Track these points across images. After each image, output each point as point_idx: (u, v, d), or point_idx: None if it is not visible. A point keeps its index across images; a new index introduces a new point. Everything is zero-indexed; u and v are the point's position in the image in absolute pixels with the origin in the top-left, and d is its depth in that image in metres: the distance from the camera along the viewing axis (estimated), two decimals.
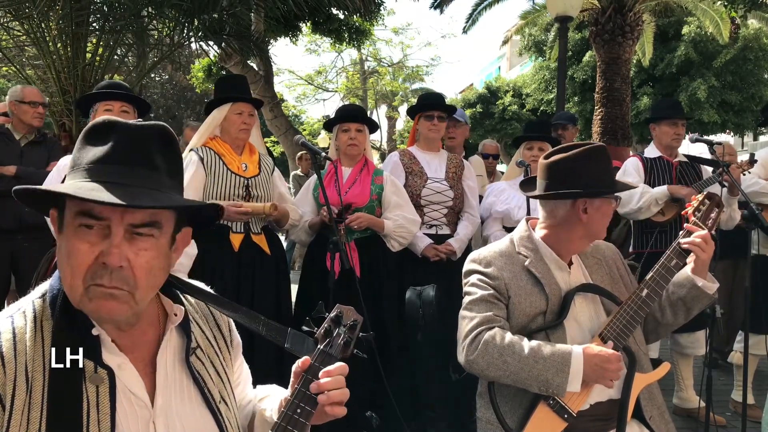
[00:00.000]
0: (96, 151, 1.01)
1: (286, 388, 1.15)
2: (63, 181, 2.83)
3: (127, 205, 0.93)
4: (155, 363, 1.08)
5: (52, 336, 0.99)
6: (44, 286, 1.07)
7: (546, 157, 1.92)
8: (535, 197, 2.00)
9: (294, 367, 1.09)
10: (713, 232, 1.87)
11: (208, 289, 1.21)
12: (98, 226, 0.98)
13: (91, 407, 0.97)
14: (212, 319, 1.20)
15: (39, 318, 1.02)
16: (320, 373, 1.06)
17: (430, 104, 3.45)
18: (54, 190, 0.97)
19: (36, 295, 1.05)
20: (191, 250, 2.70)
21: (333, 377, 1.06)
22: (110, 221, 0.97)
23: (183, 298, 1.16)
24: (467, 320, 1.83)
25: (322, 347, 1.10)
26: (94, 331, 1.01)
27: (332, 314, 1.14)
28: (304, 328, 1.14)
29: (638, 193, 3.41)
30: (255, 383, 1.35)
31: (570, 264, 1.94)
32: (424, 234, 3.28)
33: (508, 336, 1.76)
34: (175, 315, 1.11)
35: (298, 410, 1.04)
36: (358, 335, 1.15)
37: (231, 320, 1.23)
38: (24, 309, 1.03)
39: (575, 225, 1.87)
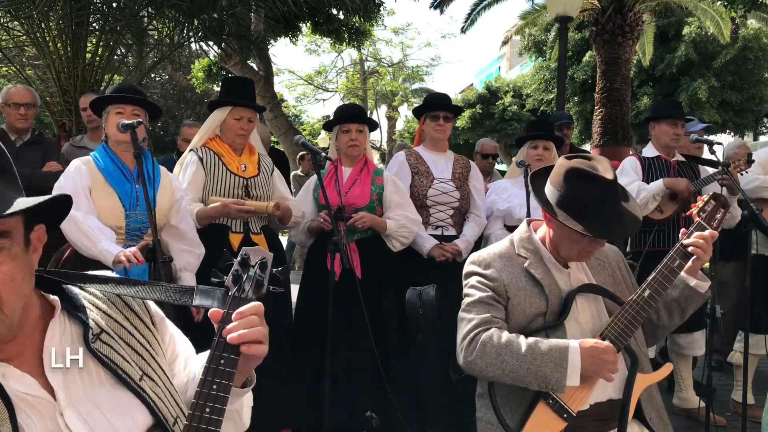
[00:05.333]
0: None
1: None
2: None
3: None
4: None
5: None
6: None
7: (568, 158, 1.88)
8: (532, 192, 2.01)
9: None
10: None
11: (107, 273, 1.16)
12: None
13: None
14: (120, 301, 1.14)
15: None
16: (233, 316, 1.04)
17: (436, 104, 3.45)
18: None
19: None
20: (198, 250, 2.71)
21: (244, 317, 1.04)
22: None
23: (78, 288, 1.11)
24: (465, 322, 1.84)
25: (232, 293, 1.07)
26: None
27: (238, 258, 1.10)
28: (213, 279, 1.10)
29: (635, 190, 3.41)
30: None
31: (566, 266, 1.93)
32: (430, 235, 3.26)
33: (505, 335, 1.76)
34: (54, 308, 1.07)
35: (222, 361, 1.02)
36: (271, 272, 1.11)
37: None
38: None
39: (552, 233, 1.88)
